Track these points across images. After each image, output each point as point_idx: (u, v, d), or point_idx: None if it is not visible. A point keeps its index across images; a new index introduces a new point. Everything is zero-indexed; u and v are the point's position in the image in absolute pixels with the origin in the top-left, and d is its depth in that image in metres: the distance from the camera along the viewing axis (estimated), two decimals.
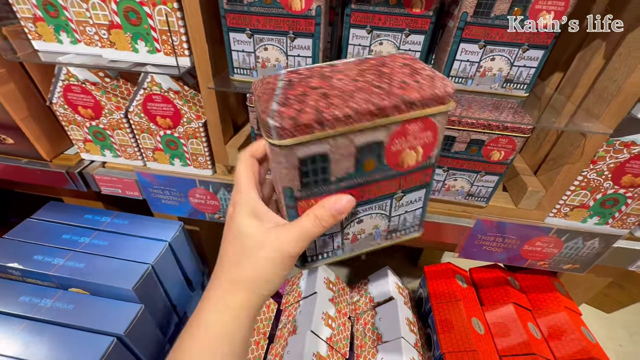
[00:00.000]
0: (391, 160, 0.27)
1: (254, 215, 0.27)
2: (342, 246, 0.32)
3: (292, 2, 0.40)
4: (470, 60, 0.47)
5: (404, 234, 0.34)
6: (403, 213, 0.32)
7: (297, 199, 0.27)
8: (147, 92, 0.53)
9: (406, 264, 1.62)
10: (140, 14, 0.45)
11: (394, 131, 0.25)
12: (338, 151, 0.25)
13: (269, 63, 0.46)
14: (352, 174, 0.27)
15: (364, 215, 0.31)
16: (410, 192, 0.30)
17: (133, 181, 0.63)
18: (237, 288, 0.27)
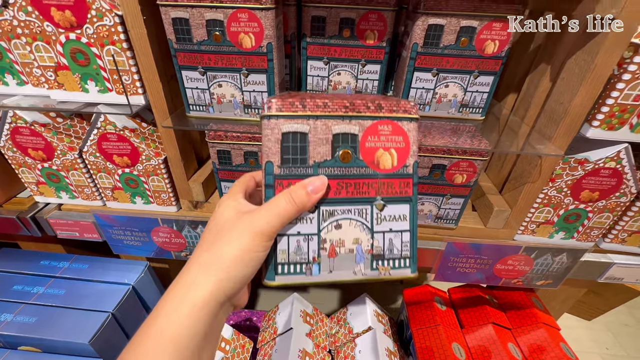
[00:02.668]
0: (366, 157, 0.29)
1: (235, 207, 0.28)
2: (317, 259, 0.30)
3: (242, 40, 0.40)
4: (425, 88, 0.48)
5: (392, 266, 0.31)
6: (388, 231, 0.31)
7: (276, 177, 0.28)
8: (101, 131, 0.51)
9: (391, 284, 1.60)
10: (88, 55, 0.44)
11: (367, 127, 0.29)
12: (316, 134, 0.28)
13: (224, 99, 0.45)
14: (329, 161, 0.29)
15: (342, 218, 0.30)
16: (392, 203, 0.30)
17: (91, 223, 0.59)
18: (209, 270, 0.26)
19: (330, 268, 0.30)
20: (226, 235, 0.26)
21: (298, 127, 0.28)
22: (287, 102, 0.28)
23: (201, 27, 0.39)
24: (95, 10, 0.41)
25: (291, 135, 0.28)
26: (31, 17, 0.41)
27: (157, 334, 0.24)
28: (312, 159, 0.29)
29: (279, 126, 0.28)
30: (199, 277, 0.25)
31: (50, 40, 0.43)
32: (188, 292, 0.25)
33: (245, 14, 0.38)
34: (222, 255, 0.26)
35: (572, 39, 0.43)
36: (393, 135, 0.29)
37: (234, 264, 0.26)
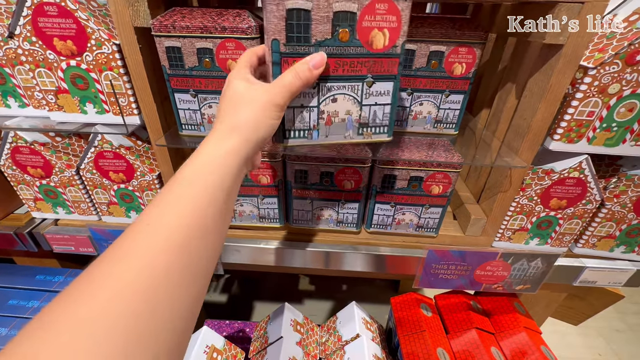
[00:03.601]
0: (362, 36, 0.33)
1: (246, 80, 0.32)
2: (317, 126, 0.37)
3: (230, 66, 0.43)
4: (401, 106, 0.52)
5: (373, 132, 0.39)
6: (373, 104, 0.37)
7: (282, 55, 0.33)
8: (98, 149, 0.54)
9: (386, 290, 1.62)
10: (87, 80, 0.47)
11: (365, 5, 0.31)
12: (318, 12, 0.31)
13: (214, 119, 0.48)
14: (329, 40, 0.33)
15: (338, 93, 0.36)
16: (380, 80, 0.35)
17: (86, 237, 0.62)
18: (231, 133, 0.30)
19: (327, 134, 0.38)
20: (243, 106, 0.31)
21: (302, 3, 0.31)
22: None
23: (192, 54, 0.43)
24: (94, 40, 0.44)
25: (295, 12, 0.31)
26: (35, 46, 0.45)
27: (200, 164, 0.28)
28: (315, 38, 0.32)
29: (284, 2, 0.30)
30: (225, 136, 0.30)
31: (52, 66, 0.46)
32: (220, 143, 0.29)
33: (232, 43, 0.42)
34: (241, 121, 0.30)
35: (532, 61, 0.47)
36: (388, 15, 0.32)
37: (252, 129, 0.30)
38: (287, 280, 1.59)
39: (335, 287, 1.58)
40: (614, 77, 0.42)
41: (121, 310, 0.19)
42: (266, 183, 0.54)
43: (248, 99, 0.31)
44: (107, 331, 0.18)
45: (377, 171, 0.52)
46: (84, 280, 0.20)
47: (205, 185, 0.27)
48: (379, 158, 0.50)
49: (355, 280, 1.59)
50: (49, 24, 0.43)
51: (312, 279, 1.63)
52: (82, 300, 0.19)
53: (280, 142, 0.38)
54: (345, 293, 1.56)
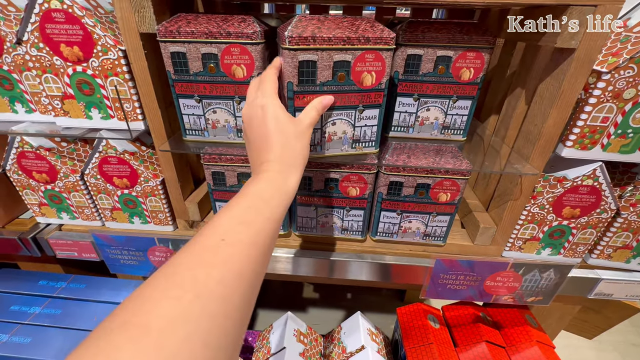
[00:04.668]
0: (355, 78, 0.42)
1: (283, 110, 0.36)
2: (321, 143, 0.47)
3: (234, 71, 0.43)
4: (408, 112, 0.51)
5: (364, 146, 0.48)
6: (363, 126, 0.46)
7: (295, 93, 0.41)
8: (102, 155, 0.54)
9: (392, 300, 1.59)
10: (93, 85, 0.48)
11: (357, 56, 0.40)
12: (322, 62, 0.40)
13: (218, 124, 0.48)
14: (330, 82, 0.42)
15: (337, 118, 0.45)
16: (368, 108, 0.45)
17: (89, 243, 0.61)
18: (292, 168, 0.35)
19: (327, 148, 0.47)
20: (292, 137, 0.36)
21: (310, 56, 0.39)
22: (303, 37, 0.38)
23: (197, 60, 0.43)
24: (100, 46, 0.44)
25: (304, 63, 0.40)
26: (42, 52, 0.45)
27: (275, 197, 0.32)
28: (319, 80, 0.41)
29: (297, 55, 0.39)
30: (289, 170, 0.34)
31: (58, 72, 0.47)
32: (287, 178, 0.33)
33: (237, 48, 0.42)
34: (297, 152, 0.35)
35: (541, 66, 0.46)
36: (375, 62, 0.41)
37: (305, 158, 0.37)
38: (290, 288, 1.57)
39: (339, 296, 1.55)
40: (629, 81, 0.40)
41: (202, 311, 0.21)
42: None
43: (295, 134, 0.36)
44: (192, 331, 0.20)
45: (382, 178, 0.51)
46: (163, 281, 0.22)
47: (276, 218, 0.30)
48: (384, 164, 0.49)
49: (360, 289, 1.56)
50: (56, 31, 0.43)
51: (316, 287, 1.61)
52: (168, 301, 0.20)
53: None
54: (349, 302, 1.53)
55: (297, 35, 0.38)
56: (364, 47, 0.40)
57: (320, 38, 0.39)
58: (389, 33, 0.40)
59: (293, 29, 0.39)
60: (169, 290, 0.21)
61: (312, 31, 0.39)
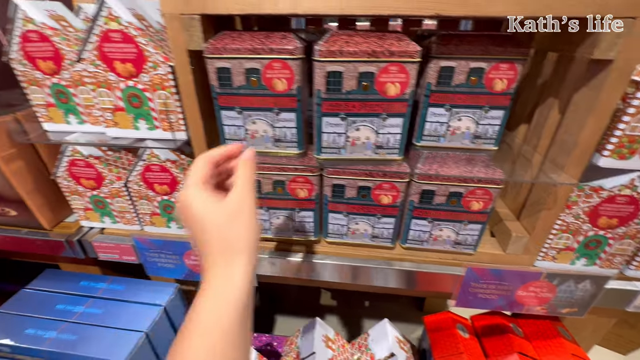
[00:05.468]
0: (379, 87, 0.44)
1: (204, 199, 0.31)
2: (345, 146, 0.49)
3: (275, 85, 0.46)
4: (439, 122, 0.52)
5: (387, 152, 0.50)
6: (386, 133, 0.48)
7: (323, 99, 0.45)
8: (146, 163, 0.57)
9: (411, 308, 1.57)
10: (141, 98, 0.51)
11: (382, 68, 0.43)
12: (348, 72, 0.43)
13: (257, 134, 0.50)
14: (355, 90, 0.44)
15: (361, 124, 0.47)
16: (392, 117, 0.46)
17: (130, 246, 0.65)
18: (234, 257, 0.30)
19: (351, 152, 0.49)
20: (224, 223, 0.30)
21: (337, 68, 0.43)
22: (331, 51, 0.41)
23: (241, 74, 0.45)
24: (151, 62, 0.48)
25: (332, 73, 0.43)
26: (98, 69, 0.49)
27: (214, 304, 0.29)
28: (345, 89, 0.44)
29: (325, 66, 0.42)
30: (231, 264, 0.30)
31: (111, 87, 0.50)
32: (228, 273, 0.30)
33: (279, 63, 0.44)
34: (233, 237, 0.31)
35: (576, 77, 0.46)
36: (399, 73, 0.43)
37: (249, 236, 0.31)
38: (308, 294, 1.58)
39: (357, 303, 1.55)
40: None
41: None
42: (303, 197, 0.55)
43: (225, 215, 0.31)
44: None
45: (415, 186, 0.52)
46: None
47: (230, 326, 0.28)
48: (417, 173, 0.50)
49: (378, 296, 1.55)
50: (112, 49, 0.47)
51: (334, 294, 1.61)
52: None
53: (317, 155, 0.50)
54: (368, 309, 1.52)
55: (325, 49, 0.41)
56: (388, 60, 0.42)
57: (347, 52, 0.42)
58: (415, 47, 0.42)
59: (324, 43, 0.42)
60: None
61: (340, 45, 0.42)
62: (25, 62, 0.52)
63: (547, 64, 0.56)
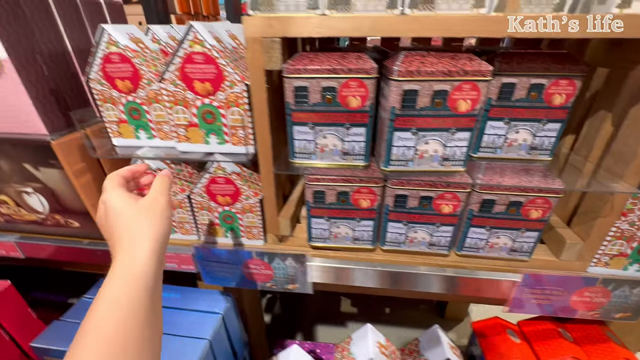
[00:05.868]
0: (451, 104, 0.47)
1: (121, 198, 0.38)
2: (413, 159, 0.51)
3: (349, 101, 0.48)
4: (498, 134, 0.54)
5: (452, 164, 0.52)
6: (454, 147, 0.50)
7: (397, 115, 0.48)
8: (212, 175, 0.60)
9: (431, 315, 1.57)
10: (215, 115, 0.54)
11: (456, 86, 0.45)
12: (423, 90, 0.45)
13: (326, 148, 0.53)
14: (428, 107, 0.47)
15: (430, 138, 0.50)
16: (460, 131, 0.49)
17: (189, 256, 0.67)
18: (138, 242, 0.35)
19: (418, 164, 0.52)
20: (134, 216, 0.36)
21: (413, 86, 0.45)
22: (408, 70, 0.44)
23: (317, 92, 0.48)
24: (228, 81, 0.51)
25: (408, 92, 0.46)
26: (178, 88, 0.52)
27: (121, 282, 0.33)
28: (419, 105, 0.47)
29: (402, 85, 0.45)
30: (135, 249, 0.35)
31: (188, 104, 0.53)
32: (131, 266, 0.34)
33: (356, 82, 0.47)
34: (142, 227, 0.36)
35: (632, 91, 0.49)
36: (471, 91, 0.46)
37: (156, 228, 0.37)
38: (328, 301, 1.58)
39: (378, 310, 1.55)
40: None
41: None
42: (366, 207, 0.57)
43: (137, 210, 0.37)
44: None
45: (475, 196, 0.54)
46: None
47: (135, 307, 0.32)
48: (479, 184, 0.53)
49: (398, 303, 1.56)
50: (194, 70, 0.50)
51: (354, 301, 1.62)
52: None
53: (385, 167, 0.51)
54: (388, 316, 1.53)
55: (404, 69, 0.44)
56: (462, 79, 0.45)
57: (424, 72, 0.44)
58: (487, 66, 0.45)
59: (401, 64, 0.45)
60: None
61: (417, 65, 0.45)
62: (103, 81, 0.55)
63: (596, 79, 0.59)
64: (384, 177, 0.55)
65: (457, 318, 1.54)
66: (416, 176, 0.53)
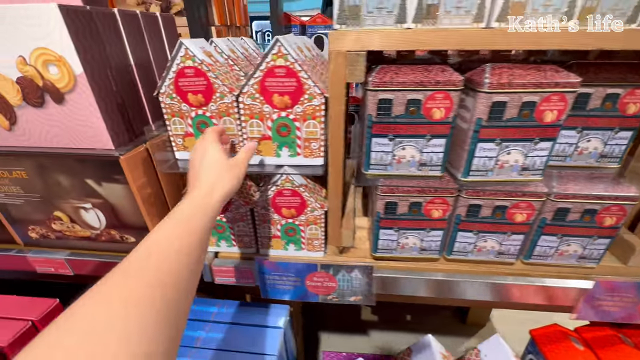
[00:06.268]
0: (538, 115, 0.47)
1: (220, 152, 0.46)
2: (493, 169, 0.52)
3: (433, 113, 0.49)
4: (569, 143, 0.55)
5: (531, 174, 0.53)
6: (535, 156, 0.51)
7: (482, 126, 0.48)
8: (279, 188, 0.59)
9: (453, 321, 1.57)
10: (290, 128, 0.54)
11: (543, 97, 0.46)
12: (512, 102, 0.46)
13: (404, 159, 0.53)
14: (515, 118, 0.47)
15: (512, 149, 0.50)
16: (543, 141, 0.49)
17: (249, 269, 0.66)
18: (214, 188, 0.42)
19: (497, 174, 0.52)
20: (223, 170, 0.44)
21: (502, 98, 0.46)
22: (500, 83, 0.45)
23: (402, 105, 0.48)
24: (308, 94, 0.51)
25: (496, 103, 0.46)
26: (255, 102, 0.52)
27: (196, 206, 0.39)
28: (506, 117, 0.47)
29: (492, 97, 0.46)
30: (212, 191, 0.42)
31: (264, 117, 0.53)
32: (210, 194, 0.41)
33: (442, 94, 0.47)
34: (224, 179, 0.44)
35: None
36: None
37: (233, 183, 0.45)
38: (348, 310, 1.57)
39: (399, 318, 1.54)
40: None
41: None
42: (437, 217, 0.57)
43: (226, 165, 0.45)
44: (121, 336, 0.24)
45: (549, 204, 0.55)
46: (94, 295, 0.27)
47: (196, 230, 0.36)
48: (554, 192, 0.53)
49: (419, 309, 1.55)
50: (274, 83, 0.50)
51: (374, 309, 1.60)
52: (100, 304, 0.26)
53: (464, 178, 0.52)
54: (410, 323, 1.52)
55: (496, 82, 0.44)
56: (552, 90, 0.46)
57: (516, 84, 0.45)
58: (575, 77, 0.46)
59: (491, 76, 0.45)
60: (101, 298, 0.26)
61: (508, 78, 0.45)
62: (174, 95, 0.55)
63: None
64: (458, 188, 0.55)
65: (479, 323, 1.53)
66: (493, 186, 0.53)
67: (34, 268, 0.71)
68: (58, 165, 0.58)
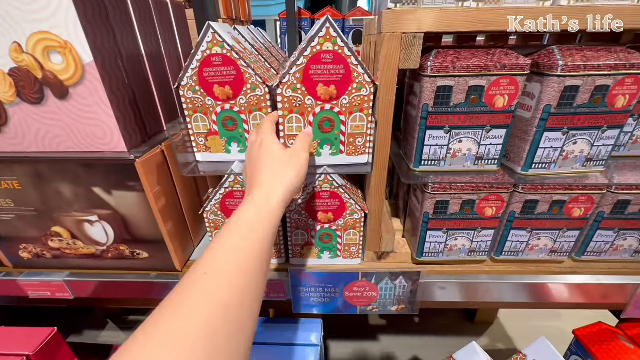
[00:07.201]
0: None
1: (280, 145, 0.43)
2: (556, 161, 0.48)
3: (496, 101, 0.44)
4: (625, 131, 0.52)
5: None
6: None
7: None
8: (316, 190, 0.53)
9: (460, 321, 1.54)
10: (334, 122, 0.48)
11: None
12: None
13: (459, 153, 0.49)
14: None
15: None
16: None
17: (281, 282, 0.59)
18: (279, 188, 0.39)
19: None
20: (282, 164, 0.41)
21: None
22: (575, 65, 0.41)
23: (462, 92, 0.44)
24: (357, 84, 0.45)
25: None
26: (297, 93, 0.46)
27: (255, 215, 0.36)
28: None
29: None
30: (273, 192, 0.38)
31: (305, 111, 0.47)
32: (266, 204, 0.37)
33: (507, 79, 0.43)
34: (286, 176, 0.40)
35: None
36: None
37: (297, 178, 0.41)
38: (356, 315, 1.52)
39: (407, 321, 1.51)
40: None
41: None
42: (491, 215, 0.53)
43: (285, 158, 0.41)
44: None
45: (609, 197, 0.51)
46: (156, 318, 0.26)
47: (260, 239, 0.33)
48: (616, 184, 0.50)
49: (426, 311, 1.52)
50: (319, 71, 0.44)
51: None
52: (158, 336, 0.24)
53: (525, 172, 0.48)
54: (419, 326, 1.48)
55: (572, 64, 0.41)
56: (627, 72, 0.42)
57: (590, 66, 0.41)
58: None
59: (564, 58, 0.41)
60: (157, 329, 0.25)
61: (582, 59, 0.41)
62: (197, 87, 0.48)
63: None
64: (515, 182, 0.51)
65: (487, 322, 1.52)
66: (555, 179, 0.49)
67: (26, 293, 0.61)
68: (59, 172, 0.49)
